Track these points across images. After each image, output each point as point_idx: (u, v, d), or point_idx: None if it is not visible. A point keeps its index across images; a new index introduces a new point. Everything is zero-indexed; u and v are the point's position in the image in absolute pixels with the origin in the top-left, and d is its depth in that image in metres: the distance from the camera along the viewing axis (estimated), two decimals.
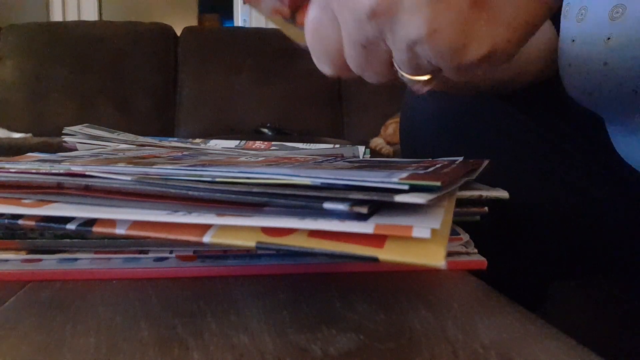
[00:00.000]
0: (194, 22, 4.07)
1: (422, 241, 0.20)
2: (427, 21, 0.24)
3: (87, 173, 0.26)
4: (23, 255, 0.29)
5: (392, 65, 0.28)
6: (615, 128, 0.44)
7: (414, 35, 0.25)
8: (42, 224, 0.24)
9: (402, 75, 0.29)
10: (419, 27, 0.24)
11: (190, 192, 0.24)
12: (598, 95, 0.41)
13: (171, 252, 0.30)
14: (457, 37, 0.24)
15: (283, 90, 2.33)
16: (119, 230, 0.23)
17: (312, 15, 0.29)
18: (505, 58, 0.26)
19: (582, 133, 0.47)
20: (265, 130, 2.14)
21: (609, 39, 0.35)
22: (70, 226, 0.24)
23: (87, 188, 0.26)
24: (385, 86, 0.34)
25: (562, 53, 0.44)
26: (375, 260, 0.20)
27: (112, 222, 0.23)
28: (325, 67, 0.30)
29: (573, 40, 0.40)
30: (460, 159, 0.39)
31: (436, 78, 0.29)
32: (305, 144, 0.57)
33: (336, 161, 0.39)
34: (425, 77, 0.29)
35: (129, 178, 0.25)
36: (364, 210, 0.21)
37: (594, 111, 0.44)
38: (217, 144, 0.55)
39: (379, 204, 0.22)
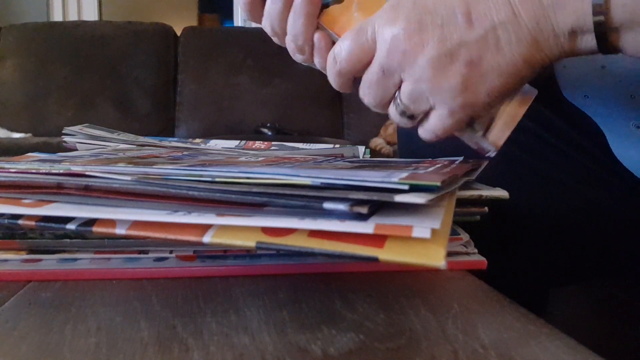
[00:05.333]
0: (194, 22, 4.08)
1: (422, 241, 0.20)
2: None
3: (87, 173, 0.26)
4: (23, 255, 0.29)
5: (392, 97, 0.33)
6: (611, 132, 0.43)
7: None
8: (42, 224, 0.24)
9: (395, 109, 0.33)
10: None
11: (190, 192, 0.24)
12: (594, 98, 0.41)
13: (171, 252, 0.30)
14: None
15: (283, 90, 2.33)
16: (119, 230, 0.23)
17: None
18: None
19: (583, 135, 0.47)
20: (265, 130, 2.14)
21: None
22: (70, 226, 0.24)
23: (87, 188, 0.26)
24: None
25: None
26: (375, 260, 0.20)
27: (112, 222, 0.23)
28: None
29: None
30: (460, 159, 0.39)
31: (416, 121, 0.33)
32: (305, 144, 0.57)
33: (336, 161, 0.39)
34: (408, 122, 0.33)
35: (129, 178, 0.25)
36: (364, 210, 0.21)
37: (589, 115, 0.44)
38: (217, 144, 0.55)
39: (379, 204, 0.22)
